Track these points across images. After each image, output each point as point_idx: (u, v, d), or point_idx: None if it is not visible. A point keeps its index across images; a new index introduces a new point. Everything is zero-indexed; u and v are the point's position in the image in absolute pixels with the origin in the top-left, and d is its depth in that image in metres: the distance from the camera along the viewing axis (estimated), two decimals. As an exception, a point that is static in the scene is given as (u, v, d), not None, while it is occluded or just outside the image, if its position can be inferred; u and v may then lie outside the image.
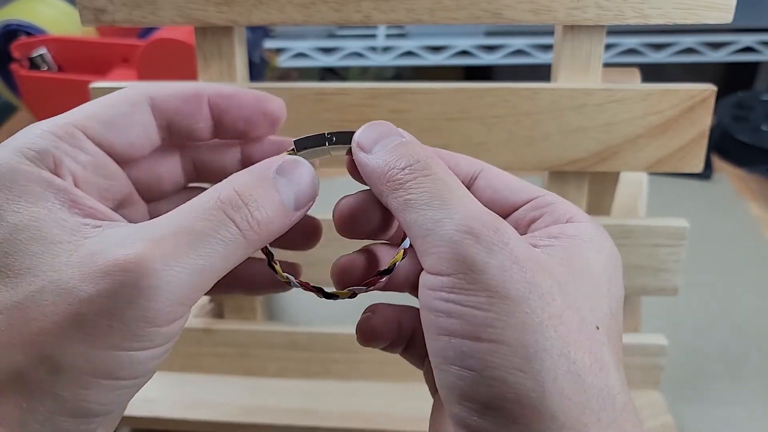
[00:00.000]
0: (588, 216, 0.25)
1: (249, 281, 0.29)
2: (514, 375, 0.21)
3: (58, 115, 0.24)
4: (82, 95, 0.47)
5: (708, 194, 0.70)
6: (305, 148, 0.26)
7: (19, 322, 0.21)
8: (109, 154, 0.25)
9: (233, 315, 0.47)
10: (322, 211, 0.28)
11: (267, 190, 0.23)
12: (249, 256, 0.24)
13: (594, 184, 0.44)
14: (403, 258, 0.26)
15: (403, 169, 0.24)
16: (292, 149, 0.26)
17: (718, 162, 0.76)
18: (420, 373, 0.31)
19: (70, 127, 0.24)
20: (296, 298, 0.54)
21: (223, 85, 0.27)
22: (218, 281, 0.23)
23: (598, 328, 0.22)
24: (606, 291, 0.23)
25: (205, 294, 0.24)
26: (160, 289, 0.21)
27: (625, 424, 0.21)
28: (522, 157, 0.41)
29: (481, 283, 0.21)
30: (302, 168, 0.25)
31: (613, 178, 0.44)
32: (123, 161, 0.26)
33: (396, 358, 0.48)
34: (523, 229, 0.26)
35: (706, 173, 0.73)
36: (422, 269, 0.23)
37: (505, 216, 0.26)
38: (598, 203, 0.45)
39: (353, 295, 0.26)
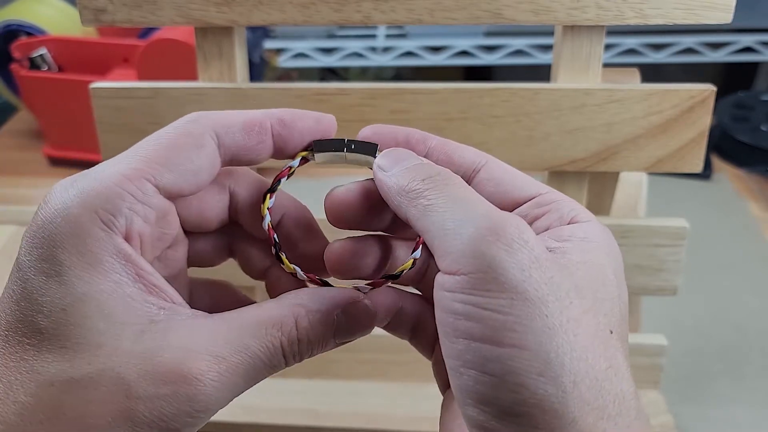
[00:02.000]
0: (591, 214, 0.25)
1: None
2: (535, 380, 0.20)
3: (127, 157, 0.23)
4: (83, 95, 0.47)
5: (708, 194, 0.70)
6: (322, 151, 0.26)
7: (72, 401, 0.21)
8: (169, 199, 0.24)
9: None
10: (321, 211, 0.28)
11: (325, 332, 0.25)
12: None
13: (594, 184, 0.44)
14: (411, 267, 0.26)
15: (423, 180, 0.24)
16: (310, 149, 0.26)
17: (717, 162, 0.76)
18: (420, 373, 0.31)
19: (142, 180, 0.23)
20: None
21: (281, 111, 0.26)
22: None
23: (611, 332, 0.22)
24: (617, 295, 0.23)
25: None
26: (209, 404, 0.22)
27: (639, 429, 0.21)
28: (522, 157, 0.41)
29: (500, 283, 0.21)
30: (367, 313, 0.26)
31: (612, 178, 0.44)
32: (186, 195, 0.25)
33: (396, 358, 0.48)
34: None
35: (706, 173, 0.73)
36: (437, 271, 0.23)
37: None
38: (598, 203, 0.45)
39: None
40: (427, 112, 0.40)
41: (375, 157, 0.26)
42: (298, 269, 0.27)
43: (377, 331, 0.50)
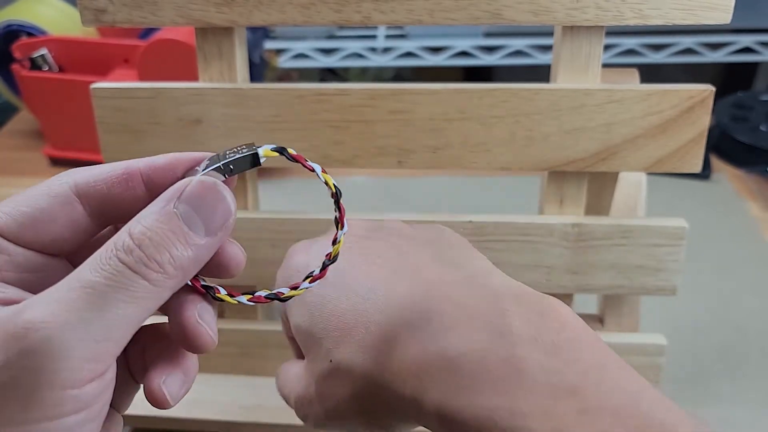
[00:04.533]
0: None
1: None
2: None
3: None
4: (83, 95, 0.47)
5: (707, 194, 0.70)
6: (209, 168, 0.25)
7: None
8: (40, 252, 0.24)
9: (233, 314, 0.47)
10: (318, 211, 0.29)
11: (167, 225, 0.22)
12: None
13: (593, 184, 0.44)
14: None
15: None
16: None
17: (717, 162, 0.76)
18: None
19: None
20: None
21: (156, 157, 0.24)
22: None
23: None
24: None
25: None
26: (61, 351, 0.20)
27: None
28: (521, 157, 0.41)
29: None
30: (209, 188, 0.23)
31: (612, 178, 0.44)
32: (58, 253, 0.25)
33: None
34: None
35: (705, 173, 0.73)
36: None
37: None
38: (598, 203, 0.45)
39: (300, 289, 0.26)
40: (426, 113, 0.40)
41: (260, 163, 0.25)
42: (243, 299, 0.25)
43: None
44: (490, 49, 0.85)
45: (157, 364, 0.24)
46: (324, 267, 0.26)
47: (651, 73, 0.51)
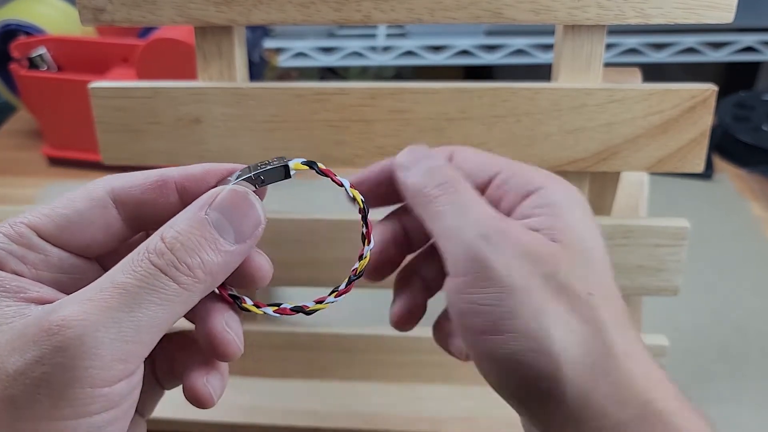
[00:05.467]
0: (544, 175, 0.29)
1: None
2: (529, 356, 0.24)
3: (18, 216, 0.24)
4: (82, 95, 0.47)
5: (709, 194, 0.70)
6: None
7: None
8: (76, 254, 0.25)
9: (233, 315, 0.47)
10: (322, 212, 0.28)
11: (198, 230, 0.23)
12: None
13: (594, 184, 0.44)
14: (368, 261, 0.28)
15: (436, 186, 0.28)
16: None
17: (719, 162, 0.76)
18: (420, 373, 0.32)
19: (23, 227, 0.24)
20: (297, 298, 0.54)
21: (190, 167, 0.25)
22: None
23: (591, 294, 0.26)
24: (590, 248, 0.27)
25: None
26: (93, 349, 0.20)
27: (630, 367, 0.25)
28: (522, 157, 0.41)
29: (490, 279, 0.25)
30: (240, 196, 0.24)
31: (613, 178, 0.44)
32: (92, 256, 0.25)
33: (396, 359, 0.48)
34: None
35: (707, 173, 0.73)
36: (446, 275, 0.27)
37: None
38: (599, 203, 0.45)
39: (324, 303, 0.27)
40: (427, 112, 0.40)
41: (290, 176, 0.26)
42: (268, 311, 0.26)
43: (378, 331, 0.50)
44: (490, 48, 0.85)
45: (195, 366, 0.25)
46: (350, 282, 0.27)
47: (653, 73, 0.51)
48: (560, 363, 0.24)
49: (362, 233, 0.27)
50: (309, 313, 0.26)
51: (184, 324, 0.26)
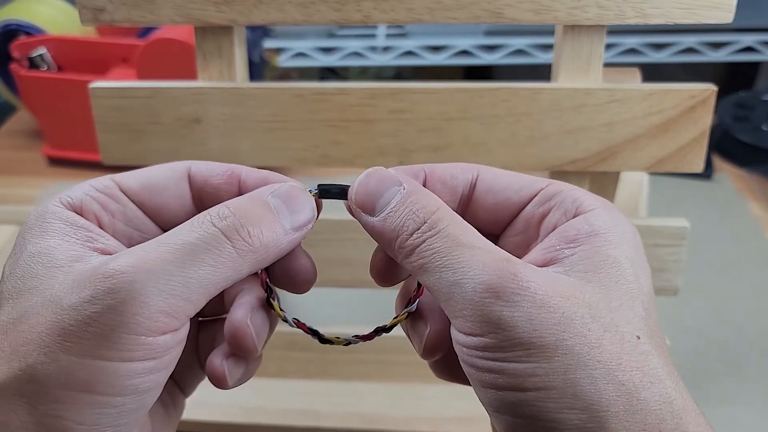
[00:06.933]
0: (596, 198, 0.25)
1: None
2: (567, 414, 0.21)
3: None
4: (82, 95, 0.47)
5: (709, 194, 0.70)
6: (326, 197, 0.27)
7: (11, 336, 0.22)
8: (147, 213, 0.27)
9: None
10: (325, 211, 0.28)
11: (260, 208, 0.24)
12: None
13: (594, 184, 0.44)
14: (405, 319, 0.26)
15: (411, 234, 0.23)
16: (315, 190, 0.27)
17: (718, 162, 0.76)
18: (420, 373, 0.31)
19: (109, 181, 0.26)
20: (297, 298, 0.54)
21: (256, 170, 0.27)
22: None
23: (639, 337, 0.22)
24: (636, 291, 0.23)
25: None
26: (142, 297, 0.21)
27: (687, 426, 0.21)
28: (522, 157, 0.41)
29: (513, 339, 0.21)
30: (298, 191, 0.26)
31: (613, 178, 0.44)
32: (161, 222, 0.27)
33: (396, 359, 0.48)
34: (534, 229, 0.26)
35: (707, 173, 0.73)
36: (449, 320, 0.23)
37: (512, 217, 0.26)
38: (599, 203, 0.45)
39: (347, 344, 0.27)
40: (427, 112, 0.40)
41: (346, 197, 0.26)
42: (288, 317, 0.27)
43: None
44: (490, 48, 0.85)
45: (221, 348, 0.26)
46: (376, 332, 0.27)
47: (652, 73, 0.51)
48: (604, 422, 0.21)
49: (412, 296, 0.26)
50: (323, 341, 0.27)
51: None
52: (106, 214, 0.25)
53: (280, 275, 0.26)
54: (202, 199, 0.27)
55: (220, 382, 0.26)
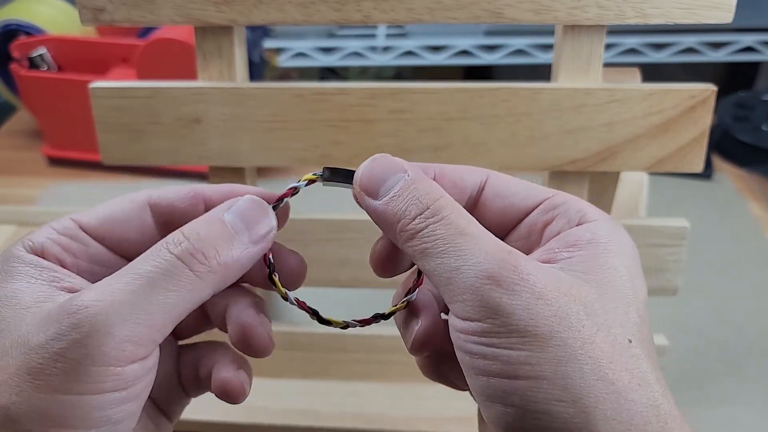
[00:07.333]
0: (599, 211, 0.26)
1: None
2: (556, 406, 0.21)
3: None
4: (82, 95, 0.47)
5: (709, 194, 0.70)
6: (331, 180, 0.27)
7: None
8: (111, 249, 0.27)
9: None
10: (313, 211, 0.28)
11: (216, 227, 0.25)
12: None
13: (594, 184, 0.44)
14: (404, 308, 0.27)
15: (414, 219, 0.24)
16: (319, 174, 0.27)
17: (718, 162, 0.76)
18: (420, 373, 0.31)
19: (69, 221, 0.26)
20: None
21: (220, 185, 0.28)
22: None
23: (630, 341, 0.22)
24: (632, 297, 0.23)
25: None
26: (106, 328, 0.22)
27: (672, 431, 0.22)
28: (522, 157, 0.41)
29: (510, 326, 0.22)
30: (255, 204, 0.26)
31: (613, 178, 0.44)
32: (125, 255, 0.27)
33: (396, 359, 0.48)
34: (537, 235, 0.26)
35: (707, 173, 0.73)
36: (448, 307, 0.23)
37: (517, 222, 0.27)
38: (599, 203, 0.44)
39: (346, 327, 0.27)
40: (427, 112, 0.40)
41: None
42: (289, 294, 0.27)
43: (377, 331, 0.50)
44: (490, 48, 0.85)
45: (225, 363, 0.27)
46: (374, 318, 0.27)
47: (652, 73, 0.51)
48: (591, 418, 0.21)
49: (413, 283, 0.27)
50: (322, 321, 0.27)
51: (208, 336, 0.28)
52: (68, 255, 0.26)
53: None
54: (170, 225, 0.27)
55: (237, 395, 0.26)
